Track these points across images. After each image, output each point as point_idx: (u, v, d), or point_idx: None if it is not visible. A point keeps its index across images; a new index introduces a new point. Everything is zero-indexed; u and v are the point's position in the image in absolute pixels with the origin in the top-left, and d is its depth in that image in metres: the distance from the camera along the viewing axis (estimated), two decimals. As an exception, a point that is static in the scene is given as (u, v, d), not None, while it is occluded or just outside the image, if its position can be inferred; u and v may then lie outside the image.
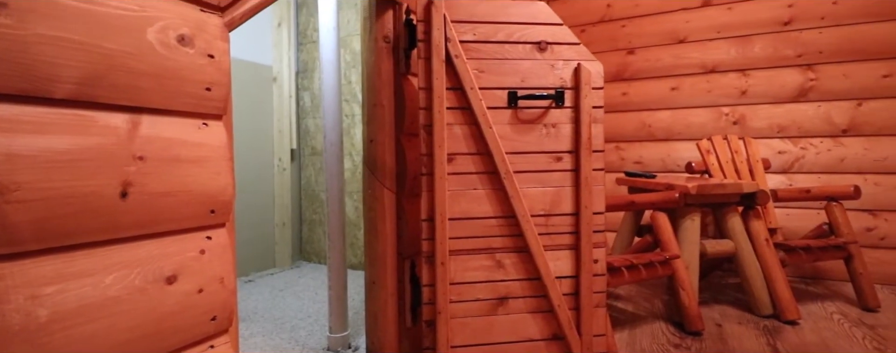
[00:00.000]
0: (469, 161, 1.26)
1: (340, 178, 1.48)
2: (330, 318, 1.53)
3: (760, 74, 2.37)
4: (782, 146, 2.35)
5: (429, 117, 1.23)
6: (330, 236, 1.50)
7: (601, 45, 2.70)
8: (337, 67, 1.51)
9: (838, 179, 2.26)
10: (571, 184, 1.31)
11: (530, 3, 1.29)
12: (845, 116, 2.23)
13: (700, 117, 2.50)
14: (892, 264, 2.17)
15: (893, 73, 2.15)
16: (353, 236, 2.51)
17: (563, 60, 1.30)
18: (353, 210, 2.51)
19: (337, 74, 1.51)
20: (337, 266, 1.54)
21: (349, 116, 2.49)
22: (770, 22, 2.34)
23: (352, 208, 2.51)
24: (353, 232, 2.51)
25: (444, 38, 1.22)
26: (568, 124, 1.31)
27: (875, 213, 2.20)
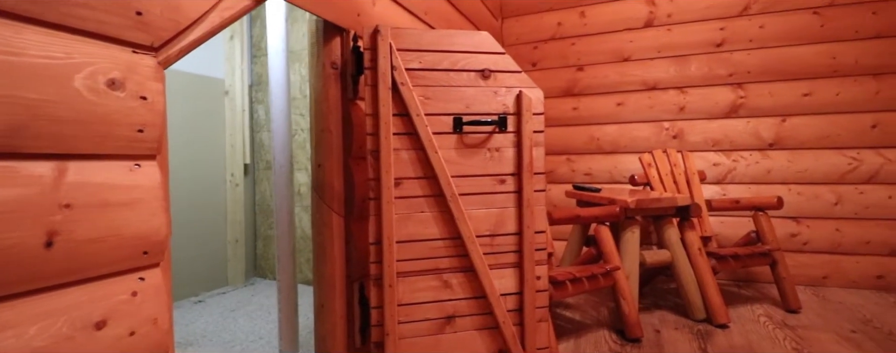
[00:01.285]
0: (416, 185, 1.29)
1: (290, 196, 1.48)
2: (280, 340, 1.53)
3: (696, 92, 2.53)
4: (717, 159, 2.52)
5: (375, 143, 1.25)
6: (279, 258, 1.50)
7: (552, 61, 2.81)
8: (286, 83, 1.51)
9: (766, 189, 2.44)
10: (514, 205, 1.37)
11: (474, 33, 1.34)
12: (771, 131, 2.42)
13: (643, 132, 2.64)
14: (813, 266, 2.37)
15: (813, 91, 2.35)
16: (310, 251, 2.50)
17: (505, 88, 1.36)
18: (309, 225, 2.49)
19: (286, 90, 1.51)
20: (287, 287, 1.53)
21: (304, 129, 2.47)
22: (704, 43, 2.51)
23: (308, 223, 2.49)
24: (309, 247, 2.49)
25: (391, 67, 1.25)
26: (511, 148, 1.36)
27: (798, 220, 2.40)
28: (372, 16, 1.41)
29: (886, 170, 2.25)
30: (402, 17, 1.60)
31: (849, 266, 2.32)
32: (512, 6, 2.89)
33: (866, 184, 2.29)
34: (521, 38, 2.88)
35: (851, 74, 2.29)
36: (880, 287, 2.28)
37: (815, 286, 2.37)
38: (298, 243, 2.47)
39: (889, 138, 2.25)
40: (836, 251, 2.34)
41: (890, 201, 2.26)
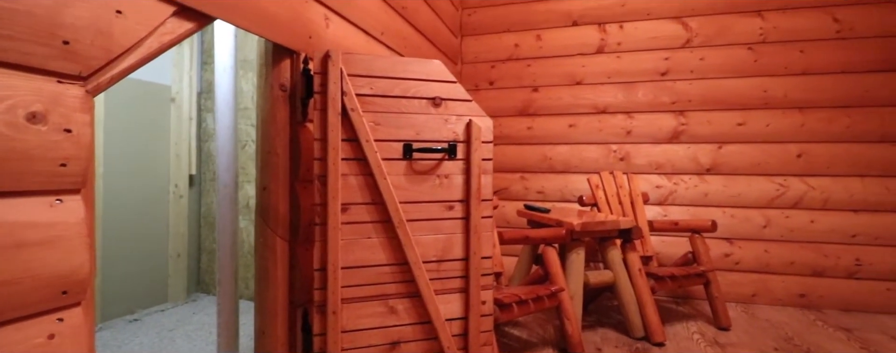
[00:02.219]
0: (364, 210, 1.29)
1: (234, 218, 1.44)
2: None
3: (642, 117, 2.67)
4: (659, 181, 2.65)
5: (323, 168, 1.25)
6: (220, 282, 1.45)
7: (509, 81, 2.88)
8: (234, 102, 1.47)
9: (703, 211, 2.59)
10: (462, 231, 1.39)
11: (427, 61, 1.36)
12: (709, 157, 2.58)
13: (593, 153, 2.75)
14: (745, 284, 2.53)
15: (746, 121, 2.53)
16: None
17: (456, 115, 1.38)
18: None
19: (233, 108, 1.47)
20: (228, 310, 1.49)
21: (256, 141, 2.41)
22: (650, 71, 2.64)
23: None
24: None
25: (341, 92, 1.25)
26: (459, 175, 1.39)
27: (731, 241, 2.56)
28: (325, 38, 1.41)
29: (809, 196, 2.45)
30: (357, 38, 1.61)
31: (775, 285, 2.49)
32: (471, 25, 2.95)
33: (792, 209, 2.47)
34: (479, 56, 2.94)
35: (780, 107, 2.48)
36: (802, 305, 2.46)
37: (745, 304, 2.53)
38: (245, 258, 2.40)
39: (812, 167, 2.44)
40: (764, 271, 2.51)
41: (812, 225, 2.45)
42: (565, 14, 2.78)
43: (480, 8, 2.93)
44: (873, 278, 2.38)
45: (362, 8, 1.64)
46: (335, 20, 1.47)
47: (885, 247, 2.36)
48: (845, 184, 2.40)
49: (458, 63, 2.97)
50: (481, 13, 2.93)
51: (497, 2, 2.90)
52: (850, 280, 2.40)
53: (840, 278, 2.42)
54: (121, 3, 0.79)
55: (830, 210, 2.43)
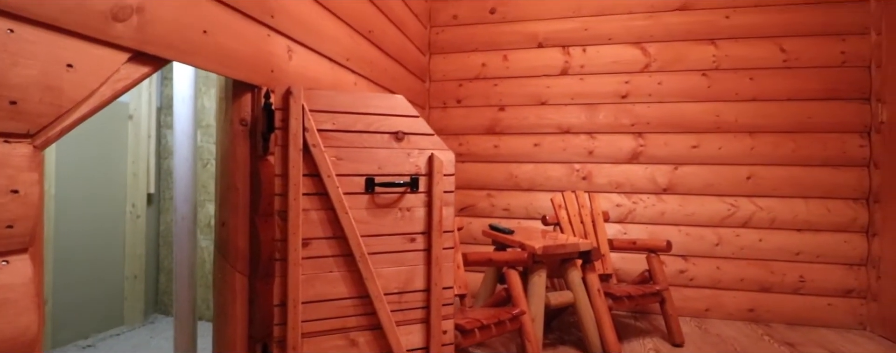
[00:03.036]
0: (325, 245, 1.30)
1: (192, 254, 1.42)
2: (176, 398, 1.45)
3: (604, 138, 2.76)
4: (619, 200, 2.75)
5: (284, 204, 1.25)
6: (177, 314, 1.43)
7: (477, 100, 2.93)
8: (193, 109, 1.45)
9: (661, 229, 2.70)
10: (424, 262, 1.42)
11: (390, 96, 1.38)
12: (665, 177, 2.69)
13: (557, 172, 2.82)
14: (698, 300, 2.65)
15: (700, 144, 2.65)
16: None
17: (418, 149, 1.41)
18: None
19: (192, 116, 1.45)
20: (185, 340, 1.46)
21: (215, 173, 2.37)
22: (612, 94, 2.74)
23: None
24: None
25: (303, 128, 1.26)
26: (421, 208, 1.41)
27: (686, 258, 2.67)
28: (287, 71, 1.41)
29: (758, 216, 2.59)
30: (321, 67, 1.61)
31: (727, 300, 2.62)
32: (440, 43, 2.99)
33: (742, 228, 2.61)
34: (447, 75, 2.97)
35: (732, 131, 2.61)
36: (751, 319, 2.60)
37: (699, 318, 2.65)
38: (206, 278, 2.35)
39: (760, 189, 2.59)
40: (716, 287, 2.64)
41: (760, 244, 2.59)
42: (531, 36, 2.86)
43: (449, 27, 2.97)
44: (815, 294, 2.53)
45: (327, 36, 1.64)
46: (299, 51, 1.48)
47: (826, 264, 2.52)
48: (790, 205, 2.55)
49: (427, 81, 3.00)
50: (450, 32, 2.97)
51: (465, 21, 2.95)
52: (795, 296, 2.55)
53: (786, 294, 2.56)
54: (72, 56, 0.78)
55: (777, 229, 2.57)
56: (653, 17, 2.69)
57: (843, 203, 2.49)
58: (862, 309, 2.48)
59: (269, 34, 1.33)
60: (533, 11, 2.85)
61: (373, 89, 2.07)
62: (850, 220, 2.49)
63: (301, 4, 1.48)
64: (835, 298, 2.51)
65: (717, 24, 2.62)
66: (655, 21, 2.69)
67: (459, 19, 2.96)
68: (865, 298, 2.48)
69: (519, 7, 2.87)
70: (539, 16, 2.84)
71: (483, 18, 2.92)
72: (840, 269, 2.50)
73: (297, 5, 1.45)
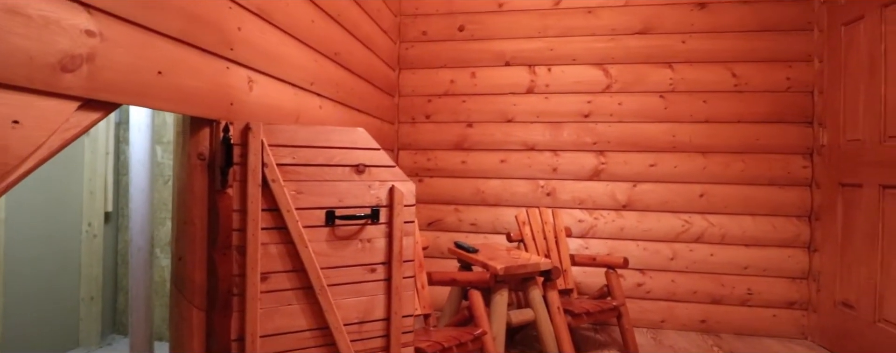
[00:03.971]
0: (284, 278, 1.31)
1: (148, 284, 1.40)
2: (131, 431, 1.43)
3: (567, 155, 2.84)
4: (581, 216, 2.84)
5: (242, 239, 1.25)
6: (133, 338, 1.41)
7: (445, 115, 2.96)
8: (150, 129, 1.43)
9: (620, 244, 2.80)
10: (384, 292, 1.44)
11: (351, 130, 1.40)
12: (625, 194, 2.79)
13: (522, 188, 2.89)
14: (654, 312, 2.77)
15: (657, 163, 2.76)
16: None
17: (379, 181, 1.43)
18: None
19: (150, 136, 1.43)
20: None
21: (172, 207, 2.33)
22: (575, 113, 2.83)
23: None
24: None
25: (262, 163, 1.27)
26: (382, 238, 1.44)
27: (644, 271, 2.79)
28: (248, 102, 1.41)
29: (710, 232, 2.72)
30: (284, 94, 1.61)
31: (681, 312, 2.75)
32: (409, 59, 3.01)
33: (695, 243, 2.74)
34: (416, 90, 3.00)
35: (686, 151, 2.74)
36: (703, 330, 2.73)
37: (655, 329, 2.76)
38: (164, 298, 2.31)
39: (712, 206, 2.72)
40: (671, 299, 2.76)
41: (712, 258, 2.72)
42: (498, 54, 2.91)
43: (418, 43, 3.00)
44: (762, 306, 2.68)
45: (290, 63, 1.65)
46: (260, 80, 1.48)
47: (772, 278, 2.67)
48: (739, 222, 2.69)
49: (396, 96, 3.02)
50: (419, 48, 3.00)
51: (434, 38, 2.98)
52: (743, 307, 2.70)
53: (735, 306, 2.71)
54: (17, 112, 0.78)
55: (727, 244, 2.71)
56: (614, 40, 2.79)
57: (787, 220, 2.65)
58: (803, 320, 2.64)
59: (229, 67, 1.33)
60: (500, 30, 2.91)
61: (339, 111, 2.08)
62: (793, 236, 2.65)
63: (263, 34, 1.48)
64: (779, 309, 2.66)
65: (673, 48, 2.73)
66: (617, 44, 2.79)
67: (429, 36, 2.99)
68: (807, 309, 2.64)
69: (487, 26, 2.92)
70: (506, 35, 2.90)
71: (452, 36, 2.96)
72: (784, 282, 2.66)
73: (258, 35, 1.46)
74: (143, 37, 1.03)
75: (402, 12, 3.01)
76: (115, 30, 0.96)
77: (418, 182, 3.00)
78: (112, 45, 0.95)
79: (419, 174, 2.99)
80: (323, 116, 1.91)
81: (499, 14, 2.91)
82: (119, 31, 0.97)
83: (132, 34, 1.00)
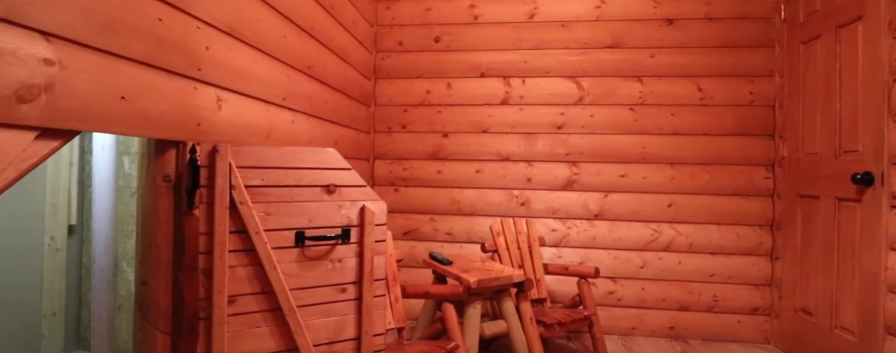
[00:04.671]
0: (252, 300, 1.31)
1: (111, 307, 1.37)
2: None
3: (541, 166, 2.89)
4: (555, 225, 2.89)
5: (209, 262, 1.24)
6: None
7: (421, 126, 2.98)
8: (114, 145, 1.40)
9: (592, 253, 2.86)
10: (355, 311, 1.45)
11: (321, 150, 1.40)
12: (597, 204, 2.86)
13: (497, 197, 2.93)
14: (625, 319, 2.84)
15: (627, 174, 2.83)
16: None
17: (350, 201, 1.44)
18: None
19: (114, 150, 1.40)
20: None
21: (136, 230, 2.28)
22: (548, 125, 2.88)
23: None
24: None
25: (229, 185, 1.26)
26: (353, 258, 1.45)
27: (615, 279, 2.85)
28: (216, 122, 1.40)
29: (678, 241, 2.80)
30: (255, 111, 1.60)
31: (650, 319, 2.82)
32: (385, 68, 3.01)
33: (664, 251, 2.81)
34: (392, 100, 3.01)
35: (655, 162, 2.82)
36: (672, 336, 2.81)
37: (626, 336, 2.83)
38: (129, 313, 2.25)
39: (680, 216, 2.80)
40: (641, 306, 2.83)
41: (679, 266, 2.81)
42: (474, 66, 2.94)
43: (394, 53, 3.01)
44: (727, 312, 2.78)
45: (261, 79, 1.64)
46: (229, 99, 1.47)
47: (736, 285, 2.77)
48: (705, 231, 2.78)
49: (372, 105, 3.02)
50: (395, 58, 3.01)
51: (411, 48, 3.00)
52: (709, 314, 2.79)
53: (701, 312, 2.79)
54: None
55: (694, 253, 2.80)
56: (586, 54, 2.85)
57: (751, 229, 2.75)
58: (766, 325, 2.75)
59: (196, 87, 1.31)
60: (476, 42, 2.94)
61: (312, 124, 2.07)
62: (756, 244, 2.75)
63: (233, 52, 1.47)
64: (743, 315, 2.76)
65: (643, 62, 2.81)
66: (589, 57, 2.85)
67: (405, 46, 3.00)
68: (769, 315, 2.74)
69: (462, 37, 2.95)
70: (482, 47, 2.93)
71: (428, 46, 2.98)
72: (748, 289, 2.76)
73: (228, 54, 1.44)
74: (105, 62, 1.01)
75: (379, 22, 3.02)
76: (76, 57, 0.94)
77: (394, 192, 3.00)
78: (72, 72, 0.93)
79: (395, 184, 3.00)
80: (295, 130, 1.90)
81: (474, 26, 2.94)
82: (79, 58, 0.95)
83: (94, 60, 0.98)
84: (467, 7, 2.95)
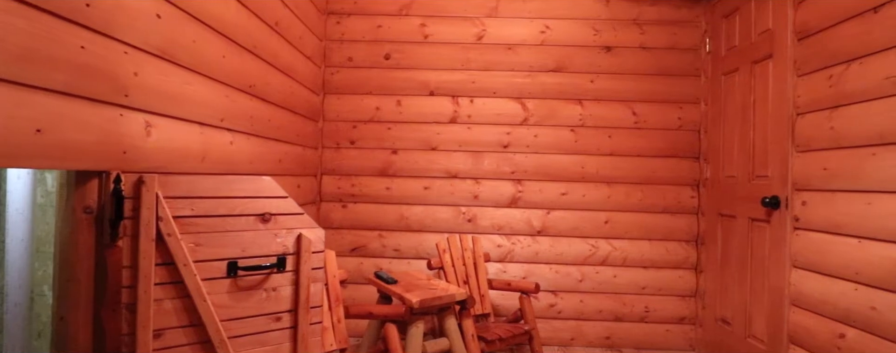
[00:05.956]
0: (180, 334, 1.28)
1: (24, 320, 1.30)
2: None
3: (487, 183, 2.97)
4: (500, 241, 2.97)
5: (133, 296, 1.21)
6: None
7: (370, 142, 2.99)
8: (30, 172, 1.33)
9: (536, 268, 2.97)
10: (290, 340, 1.44)
11: (256, 178, 1.40)
12: (540, 221, 2.97)
13: (445, 214, 2.98)
14: (565, 330, 2.96)
15: (568, 192, 2.97)
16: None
17: (286, 229, 1.44)
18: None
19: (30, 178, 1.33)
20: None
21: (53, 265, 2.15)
22: (495, 143, 2.97)
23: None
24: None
25: (156, 217, 1.23)
26: (288, 286, 1.44)
27: (556, 293, 2.97)
28: (145, 148, 1.36)
29: (613, 256, 2.96)
30: (189, 134, 1.57)
31: (588, 330, 2.96)
32: (334, 84, 3.00)
33: (601, 266, 2.96)
34: (341, 115, 3.00)
35: (593, 181, 2.96)
36: (607, 346, 2.95)
37: (565, 347, 2.95)
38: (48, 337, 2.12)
39: (615, 232, 2.96)
40: (580, 318, 2.96)
41: (615, 279, 2.96)
42: (423, 84, 2.99)
43: (344, 68, 3.00)
44: (657, 322, 2.96)
45: (196, 101, 1.60)
46: (160, 123, 1.43)
47: (665, 296, 2.95)
48: (638, 246, 2.95)
49: (320, 121, 3.00)
50: (345, 73, 3.00)
51: (360, 64, 3.00)
52: (642, 323, 2.96)
53: (635, 322, 2.96)
54: None
55: (628, 267, 2.96)
56: (531, 76, 2.97)
57: (678, 244, 2.95)
58: (691, 334, 2.94)
59: (123, 114, 1.28)
60: (425, 61, 2.99)
61: (253, 143, 2.04)
62: (683, 258, 2.95)
63: (164, 76, 1.44)
64: (671, 325, 2.95)
65: (583, 86, 2.96)
66: (533, 80, 2.97)
67: (355, 62, 3.00)
68: (694, 324, 2.95)
69: (412, 56, 2.99)
70: (431, 65, 2.99)
71: (378, 63, 3.00)
72: (675, 300, 2.95)
73: (158, 78, 1.41)
74: (17, 94, 0.97)
75: (328, 37, 3.01)
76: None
77: (342, 208, 2.99)
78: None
79: (343, 200, 2.99)
80: (234, 151, 1.87)
81: (424, 45, 2.99)
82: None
83: (4, 93, 0.94)
84: (418, 26, 3.00)
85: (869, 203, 1.75)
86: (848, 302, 1.83)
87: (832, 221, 1.91)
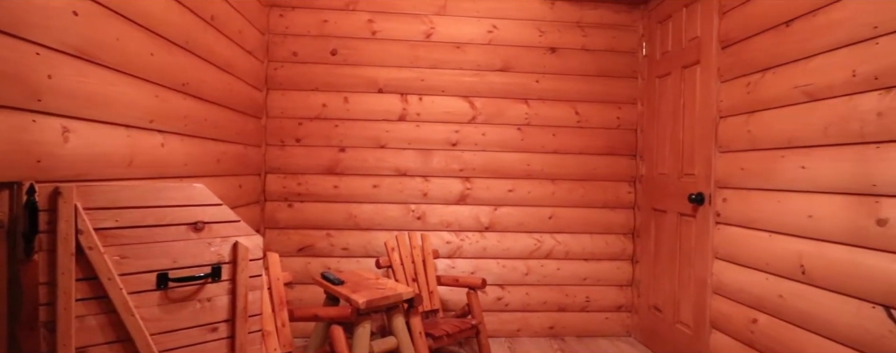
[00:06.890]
0: (107, 350, 1.22)
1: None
2: None
3: (436, 181, 3.00)
4: (449, 238, 3.02)
5: (51, 314, 1.14)
6: None
7: (317, 139, 2.93)
8: None
9: (484, 263, 3.04)
10: (228, 349, 1.42)
11: (188, 185, 1.35)
12: (488, 217, 3.04)
13: (394, 212, 2.98)
14: (511, 322, 3.06)
15: (515, 189, 3.05)
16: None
17: (220, 238, 1.40)
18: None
19: None
20: None
21: None
22: (443, 142, 2.99)
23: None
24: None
25: (76, 230, 1.16)
26: (224, 296, 1.41)
27: (503, 286, 3.06)
28: (62, 156, 1.27)
29: (557, 250, 3.08)
30: (113, 138, 1.48)
31: (534, 321, 3.08)
32: (278, 79, 2.91)
33: (545, 259, 3.08)
34: (285, 112, 2.92)
35: (538, 178, 3.06)
36: (551, 335, 3.09)
37: (512, 338, 3.06)
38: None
39: (559, 226, 3.08)
40: (526, 310, 3.07)
41: (558, 272, 3.09)
42: (371, 81, 2.96)
43: (288, 64, 2.92)
44: (597, 311, 3.12)
45: (122, 102, 1.52)
46: (80, 128, 1.34)
47: (605, 286, 3.12)
48: (580, 240, 3.09)
49: (263, 117, 2.90)
50: (289, 69, 2.92)
51: (306, 60, 2.93)
52: (583, 313, 3.11)
53: (577, 312, 3.11)
54: None
55: (571, 260, 3.10)
56: (479, 75, 3.01)
57: (616, 238, 3.11)
58: (628, 321, 3.13)
59: (36, 120, 1.19)
60: (373, 57, 2.95)
61: (187, 144, 1.95)
62: (620, 250, 3.12)
63: (83, 77, 1.35)
64: (610, 313, 3.12)
65: (529, 86, 3.03)
66: (481, 79, 3.01)
67: (300, 57, 2.92)
68: (630, 312, 3.13)
69: (360, 52, 2.95)
70: (379, 62, 2.96)
71: (324, 59, 2.94)
72: (614, 290, 3.12)
73: (77, 79, 1.32)
74: None
75: (271, 30, 2.91)
76: None
77: (288, 207, 2.93)
78: None
79: (289, 199, 2.92)
80: (166, 153, 1.79)
81: (372, 41, 2.96)
82: None
83: None
84: (365, 22, 2.95)
85: (779, 201, 1.93)
86: (760, 290, 2.01)
87: (748, 216, 2.09)
